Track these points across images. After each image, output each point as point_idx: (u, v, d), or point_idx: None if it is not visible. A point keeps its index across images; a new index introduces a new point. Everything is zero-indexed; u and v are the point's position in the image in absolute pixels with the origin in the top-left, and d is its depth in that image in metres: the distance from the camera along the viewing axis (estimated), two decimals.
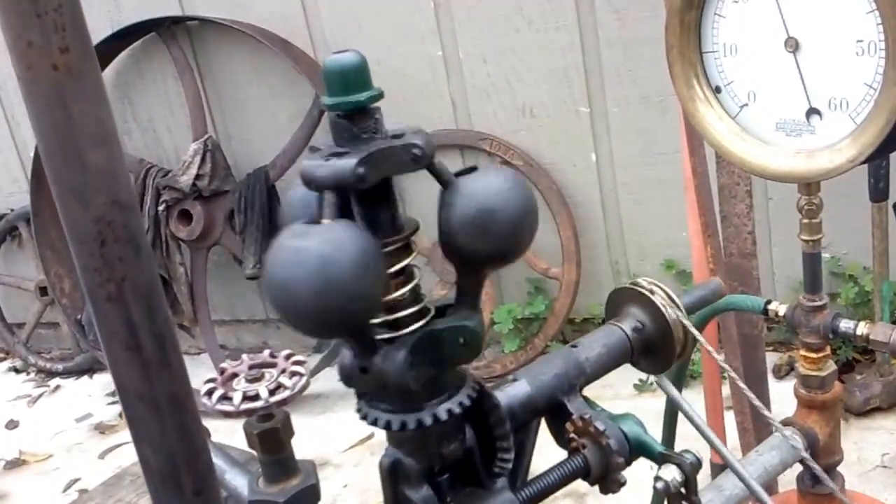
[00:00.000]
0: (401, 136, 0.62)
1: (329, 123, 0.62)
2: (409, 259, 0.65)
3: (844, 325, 1.13)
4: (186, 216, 3.22)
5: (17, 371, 3.90)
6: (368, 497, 2.59)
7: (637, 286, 0.86)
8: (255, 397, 0.71)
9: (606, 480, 0.75)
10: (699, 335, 0.85)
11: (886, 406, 2.51)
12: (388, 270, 0.63)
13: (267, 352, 0.77)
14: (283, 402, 0.71)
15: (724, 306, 1.20)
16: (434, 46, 2.96)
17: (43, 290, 3.72)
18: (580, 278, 2.98)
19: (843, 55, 0.98)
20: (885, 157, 2.07)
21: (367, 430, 2.79)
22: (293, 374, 0.73)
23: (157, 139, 3.44)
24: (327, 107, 0.61)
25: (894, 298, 2.55)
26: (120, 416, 3.34)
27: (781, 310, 1.18)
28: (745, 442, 2.00)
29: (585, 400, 0.79)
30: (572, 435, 0.76)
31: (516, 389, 0.77)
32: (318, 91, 2.92)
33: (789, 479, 1.19)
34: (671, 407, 1.34)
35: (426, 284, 0.68)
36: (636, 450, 0.76)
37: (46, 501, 2.92)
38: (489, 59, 2.91)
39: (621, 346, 0.83)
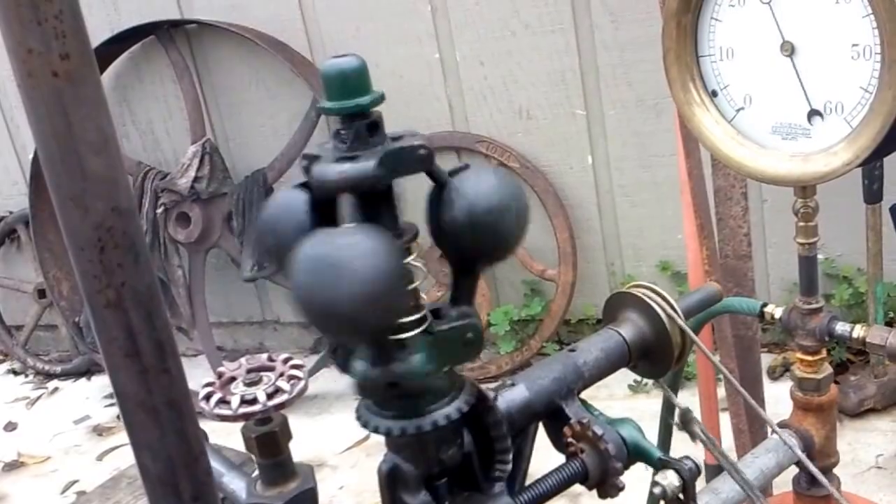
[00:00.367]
0: (400, 138, 0.62)
1: (331, 127, 0.62)
2: (408, 260, 0.66)
3: (841, 327, 1.13)
4: (185, 219, 3.21)
5: (15, 373, 3.90)
6: (364, 499, 2.58)
7: (635, 290, 0.86)
8: (253, 401, 0.71)
9: (604, 485, 0.75)
10: (698, 340, 0.85)
11: (881, 407, 2.51)
12: None
13: (265, 355, 0.77)
14: (281, 405, 0.71)
15: (720, 309, 1.20)
16: (431, 49, 2.96)
17: (41, 293, 3.72)
18: (576, 280, 2.98)
19: (838, 59, 0.98)
20: (880, 160, 2.07)
21: (363, 431, 2.76)
22: (291, 377, 0.73)
23: (156, 142, 3.44)
24: (328, 111, 0.60)
25: (888, 300, 2.55)
26: (117, 418, 3.34)
27: (778, 312, 1.18)
28: (740, 443, 2.00)
29: (583, 404, 0.79)
30: (570, 439, 0.76)
31: (514, 394, 0.77)
32: (316, 94, 2.92)
33: (784, 480, 1.19)
34: (668, 411, 1.34)
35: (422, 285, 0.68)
36: (634, 455, 0.76)
37: (45, 503, 2.91)
38: (486, 62, 2.92)
39: (619, 350, 0.83)
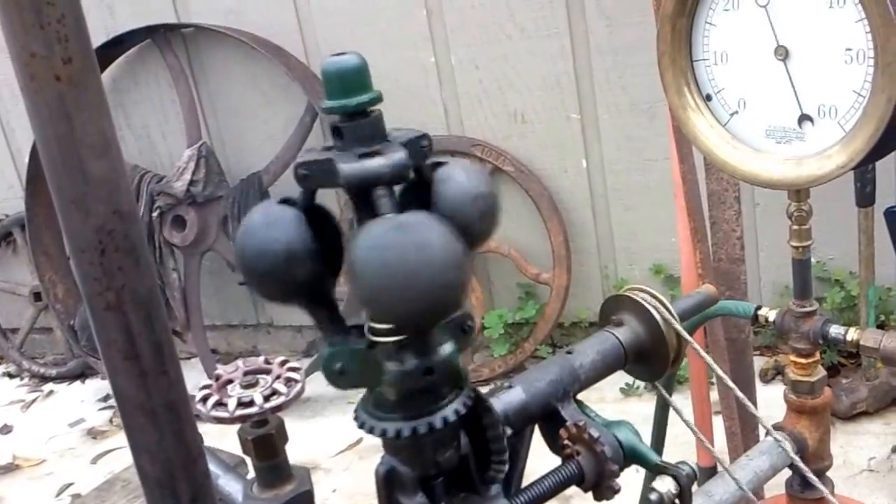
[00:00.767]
0: (398, 131, 0.62)
1: (325, 129, 0.62)
2: None
3: (835, 331, 1.14)
4: (180, 222, 3.21)
5: (10, 376, 3.90)
6: (357, 501, 2.58)
7: (631, 293, 0.86)
8: (250, 403, 0.71)
9: (600, 487, 0.75)
10: (695, 343, 0.85)
11: (872, 410, 2.51)
12: None
13: (262, 358, 0.77)
14: (278, 408, 0.71)
15: (714, 312, 1.21)
16: (426, 53, 2.96)
17: (37, 296, 3.72)
18: (570, 283, 2.99)
19: (832, 63, 0.98)
20: (873, 163, 2.08)
21: (357, 434, 2.78)
22: (288, 380, 0.73)
23: (152, 145, 3.44)
24: (331, 110, 0.60)
25: (880, 303, 2.55)
26: (111, 421, 3.34)
27: (771, 315, 1.18)
28: (732, 446, 2.00)
29: (579, 406, 0.80)
30: (566, 441, 0.76)
31: (511, 396, 0.77)
32: (311, 97, 2.92)
33: (776, 483, 1.19)
34: (661, 413, 1.34)
35: None
36: (630, 457, 0.76)
37: None
38: (481, 66, 2.92)
39: (615, 353, 0.84)
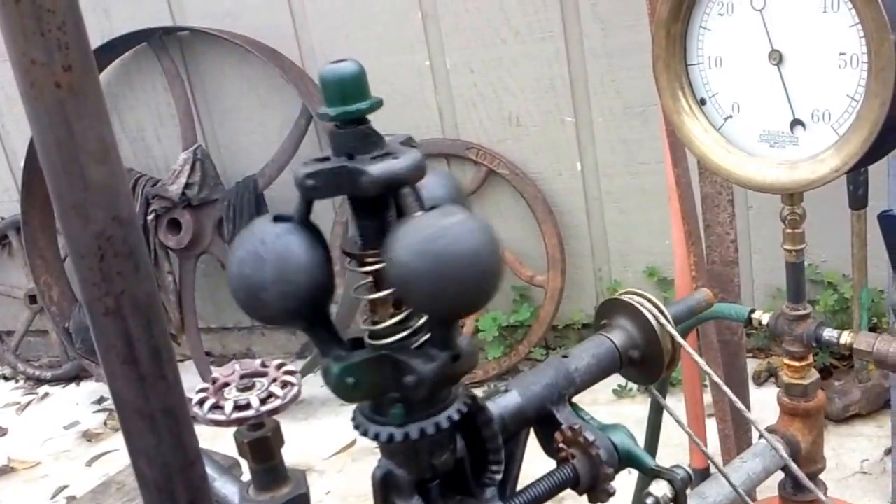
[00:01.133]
0: (390, 136, 0.63)
1: (321, 135, 0.62)
2: None
3: (828, 334, 1.14)
4: (175, 225, 3.21)
5: (6, 379, 3.90)
6: (351, 503, 2.59)
7: (626, 297, 0.87)
8: (247, 406, 0.71)
9: (595, 490, 0.75)
10: (689, 348, 0.86)
11: (865, 413, 2.52)
12: None
13: (258, 361, 0.77)
14: (275, 411, 0.71)
15: (709, 315, 1.21)
16: (421, 56, 2.97)
17: (32, 299, 3.72)
18: (564, 285, 2.99)
19: (826, 68, 0.99)
20: (866, 166, 2.08)
21: (350, 436, 2.77)
22: (284, 383, 0.74)
23: (147, 148, 3.44)
24: (329, 118, 0.60)
25: (873, 305, 2.56)
26: (105, 424, 3.34)
27: (765, 319, 1.18)
28: (725, 448, 2.01)
29: (574, 410, 0.80)
30: (562, 445, 0.76)
31: (507, 400, 0.77)
32: (306, 100, 2.92)
33: (768, 485, 1.20)
34: (655, 416, 1.35)
35: None
36: (625, 461, 0.77)
37: None
38: (476, 69, 2.93)
39: (611, 356, 0.84)
